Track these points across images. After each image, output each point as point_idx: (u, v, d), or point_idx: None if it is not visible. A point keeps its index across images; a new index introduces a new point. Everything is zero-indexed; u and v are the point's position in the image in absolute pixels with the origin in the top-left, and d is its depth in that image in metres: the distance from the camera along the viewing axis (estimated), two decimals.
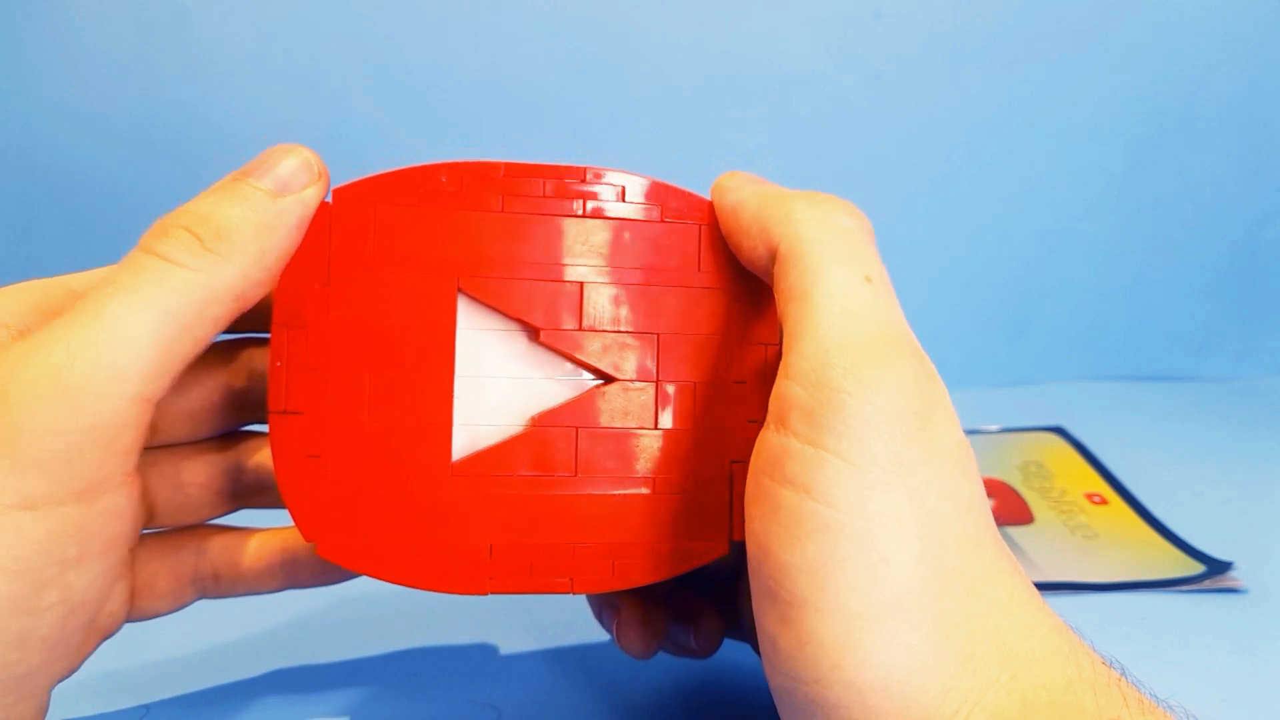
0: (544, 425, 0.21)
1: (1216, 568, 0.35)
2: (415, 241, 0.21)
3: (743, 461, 0.21)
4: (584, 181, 0.21)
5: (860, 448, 0.16)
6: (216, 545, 0.23)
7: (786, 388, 0.18)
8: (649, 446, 0.21)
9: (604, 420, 0.21)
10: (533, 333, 0.21)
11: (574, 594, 0.21)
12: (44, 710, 0.20)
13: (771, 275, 0.20)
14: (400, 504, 0.20)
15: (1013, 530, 0.38)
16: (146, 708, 0.26)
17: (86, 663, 0.21)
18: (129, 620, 0.22)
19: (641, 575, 0.21)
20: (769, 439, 0.18)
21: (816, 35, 0.55)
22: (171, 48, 0.51)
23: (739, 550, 0.26)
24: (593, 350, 0.21)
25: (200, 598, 0.23)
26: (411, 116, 0.53)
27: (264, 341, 0.23)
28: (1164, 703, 0.16)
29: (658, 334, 0.21)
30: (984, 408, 0.53)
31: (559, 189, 0.21)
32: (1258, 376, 0.61)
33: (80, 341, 0.16)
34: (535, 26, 0.53)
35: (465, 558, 0.21)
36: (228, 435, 0.23)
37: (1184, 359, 0.61)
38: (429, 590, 0.20)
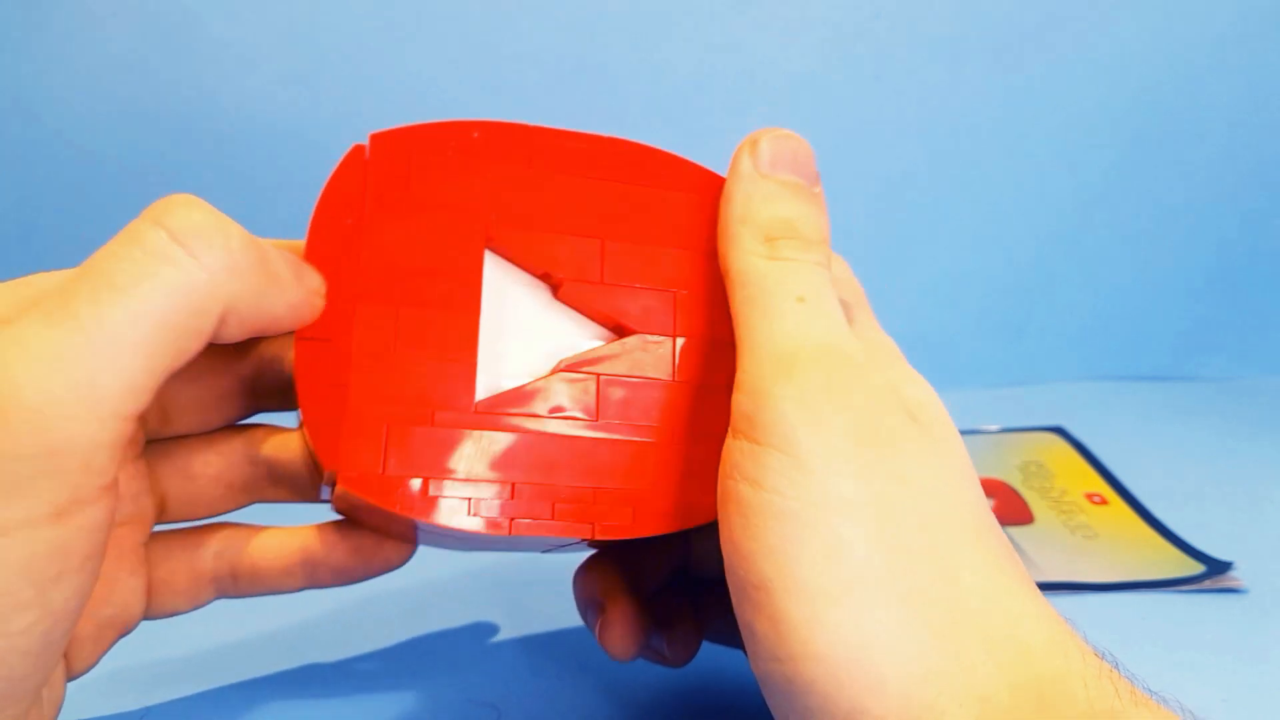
0: (566, 372, 0.22)
1: (1216, 568, 0.35)
2: (446, 190, 0.21)
3: None
4: (608, 148, 0.22)
5: (792, 441, 0.18)
6: (235, 544, 0.23)
7: (735, 400, 0.19)
8: (667, 398, 0.22)
9: (624, 370, 0.22)
10: (555, 286, 0.22)
11: (594, 539, 0.21)
12: (55, 705, 0.20)
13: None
14: (422, 439, 0.20)
15: (1013, 530, 0.38)
16: (147, 708, 0.26)
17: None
18: (147, 618, 0.22)
19: (658, 524, 0.21)
20: (729, 446, 0.19)
21: (816, 35, 0.55)
22: (177, 42, 0.51)
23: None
24: (612, 304, 0.22)
25: (219, 597, 0.23)
26: (418, 113, 0.53)
27: None
28: (1157, 696, 0.16)
29: (674, 290, 0.22)
30: (984, 408, 0.53)
31: (583, 153, 0.22)
32: (1257, 376, 0.61)
33: (50, 349, 0.15)
34: (537, 23, 0.53)
35: (487, 497, 0.20)
36: (237, 426, 0.23)
37: (1184, 359, 0.61)
38: (449, 529, 0.20)
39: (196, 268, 0.17)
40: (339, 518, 0.23)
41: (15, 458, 0.15)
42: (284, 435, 0.23)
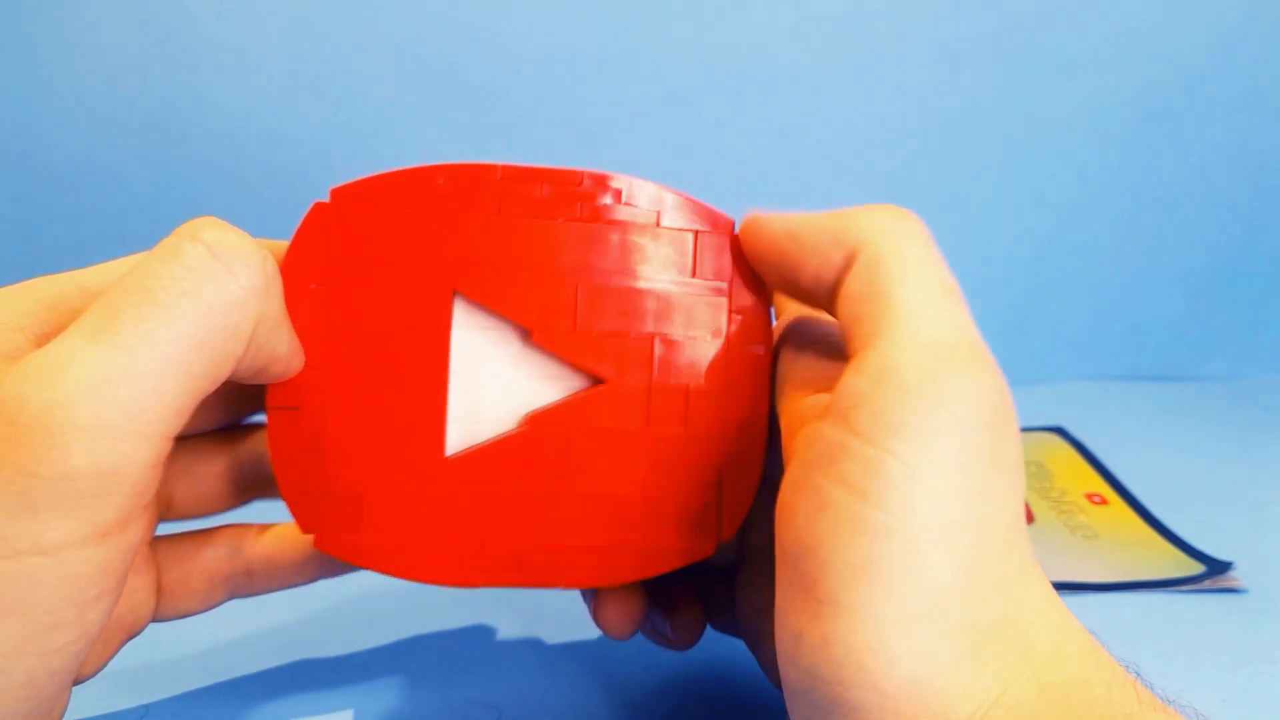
0: (536, 424, 0.21)
1: (1216, 568, 0.35)
2: (411, 242, 0.21)
3: (733, 467, 0.22)
4: (580, 185, 0.21)
5: (925, 453, 0.16)
6: (247, 542, 0.23)
7: (854, 383, 0.17)
8: (639, 448, 0.21)
9: (596, 421, 0.21)
10: (526, 333, 0.21)
11: (563, 589, 0.22)
12: (60, 711, 0.20)
13: (834, 294, 0.19)
14: (394, 499, 0.21)
15: None
16: (146, 707, 0.26)
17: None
18: (160, 619, 0.22)
19: (628, 573, 0.22)
20: (824, 433, 0.17)
21: (816, 35, 0.55)
22: (176, 46, 0.51)
23: (736, 545, 0.26)
24: (585, 352, 0.21)
25: (231, 597, 0.23)
26: (417, 117, 0.53)
27: None
28: (1175, 703, 0.16)
29: (651, 337, 0.21)
30: None
31: (555, 192, 0.21)
32: (1258, 376, 0.61)
33: (98, 372, 0.15)
34: (535, 26, 0.53)
35: (457, 552, 0.21)
36: (236, 425, 0.23)
37: (1184, 359, 0.61)
38: (422, 582, 0.21)
39: (235, 284, 0.17)
40: None
41: (66, 478, 0.15)
42: None
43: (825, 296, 0.20)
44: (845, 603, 0.16)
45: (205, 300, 0.16)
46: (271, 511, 0.24)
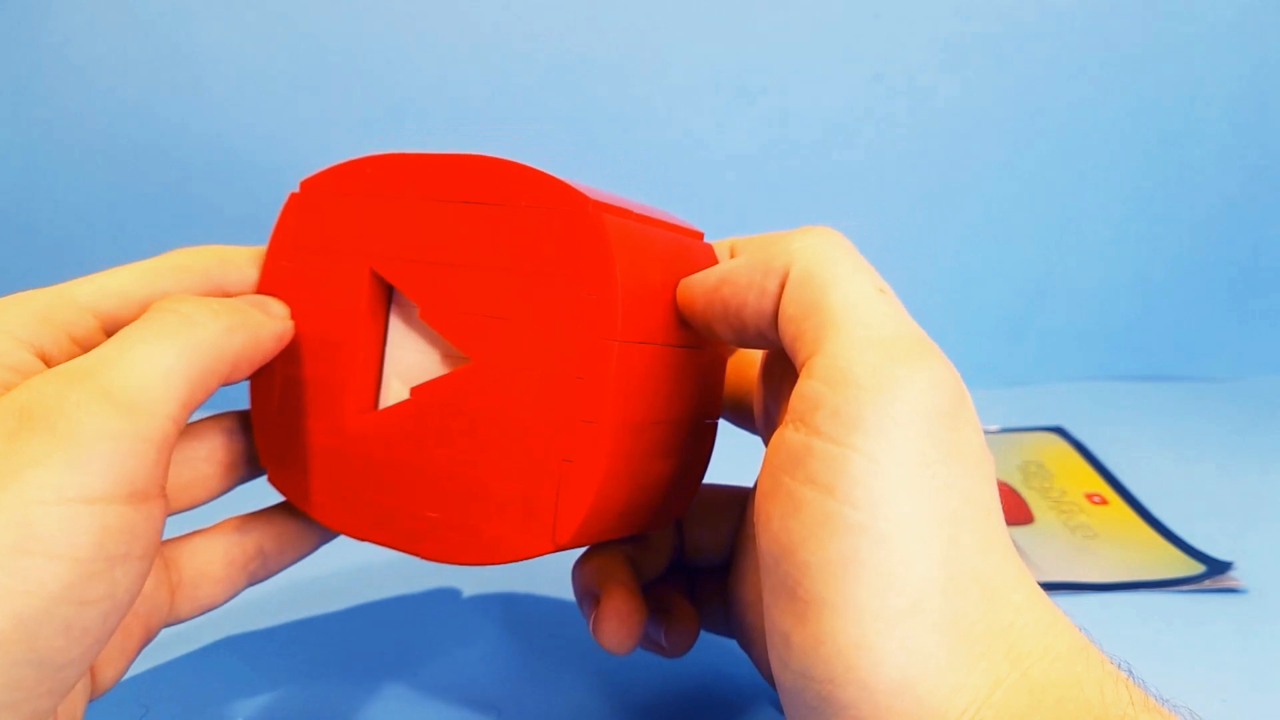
0: (419, 396, 0.22)
1: (1216, 567, 0.35)
2: (344, 227, 0.23)
3: (573, 462, 0.21)
4: (468, 169, 0.22)
5: (887, 446, 0.16)
6: (252, 525, 0.25)
7: (810, 387, 0.17)
8: (492, 430, 0.22)
9: (462, 399, 0.22)
10: (421, 310, 0.23)
11: (424, 559, 0.22)
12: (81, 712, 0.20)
13: (776, 327, 0.20)
14: (318, 450, 0.24)
15: (1013, 530, 0.38)
16: (146, 707, 0.26)
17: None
18: (182, 617, 0.23)
19: (469, 555, 0.22)
20: (789, 438, 0.17)
21: (816, 35, 0.55)
22: (166, 55, 0.51)
23: (727, 545, 0.26)
24: (458, 331, 0.22)
25: (251, 582, 0.25)
26: (402, 124, 0.53)
27: None
28: (1169, 703, 0.16)
29: (511, 320, 0.21)
30: (984, 408, 0.53)
31: (454, 179, 0.22)
32: (1258, 376, 0.61)
33: (125, 368, 0.18)
34: (530, 28, 0.53)
35: (352, 504, 0.23)
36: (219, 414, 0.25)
37: (1184, 359, 0.61)
38: (328, 526, 0.24)
39: (207, 331, 0.20)
40: None
41: (106, 437, 0.17)
42: None
43: (770, 330, 0.20)
44: (829, 601, 0.16)
45: (188, 340, 0.20)
46: (259, 500, 0.25)
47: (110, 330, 0.21)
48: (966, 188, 0.58)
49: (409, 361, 0.24)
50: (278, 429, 0.24)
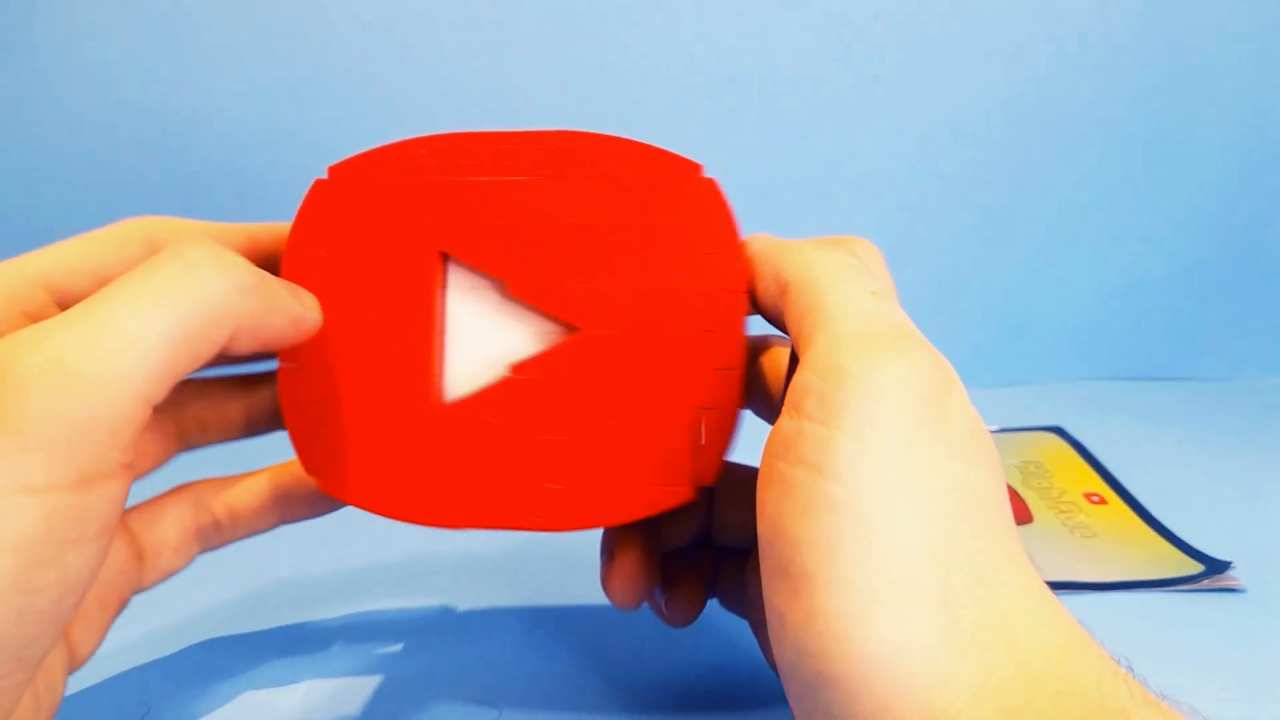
0: (520, 373, 0.22)
1: (1215, 567, 0.35)
2: (401, 209, 0.22)
3: (711, 409, 0.22)
4: (553, 144, 0.22)
5: (870, 427, 0.17)
6: (210, 493, 0.24)
7: (801, 378, 0.18)
8: (618, 393, 0.22)
9: (575, 369, 0.22)
10: (508, 287, 0.23)
11: (546, 531, 0.22)
12: (54, 697, 0.20)
13: (782, 314, 0.21)
14: (389, 446, 0.22)
15: None
16: (148, 706, 0.26)
17: (87, 663, 0.21)
18: (146, 585, 0.23)
19: (610, 516, 0.22)
20: (782, 426, 0.18)
21: (815, 36, 0.55)
22: (171, 49, 0.51)
23: (753, 529, 0.26)
24: (564, 303, 0.22)
25: (204, 549, 0.24)
26: (410, 113, 0.53)
27: None
28: (1170, 699, 0.16)
29: (627, 285, 0.22)
30: (982, 408, 0.52)
31: (530, 153, 0.22)
32: (1257, 376, 0.61)
33: (89, 333, 0.17)
34: (532, 25, 0.53)
35: (447, 495, 0.22)
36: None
37: (1183, 359, 0.61)
38: (416, 524, 0.22)
39: (215, 285, 0.19)
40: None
41: (51, 421, 0.16)
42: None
43: (779, 321, 0.22)
44: (820, 576, 0.17)
45: (187, 295, 0.18)
46: (222, 464, 0.25)
47: (64, 305, 0.20)
48: (965, 187, 0.58)
49: (485, 341, 0.23)
50: (332, 434, 0.22)
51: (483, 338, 0.23)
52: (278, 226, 0.24)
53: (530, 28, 0.53)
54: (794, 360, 0.23)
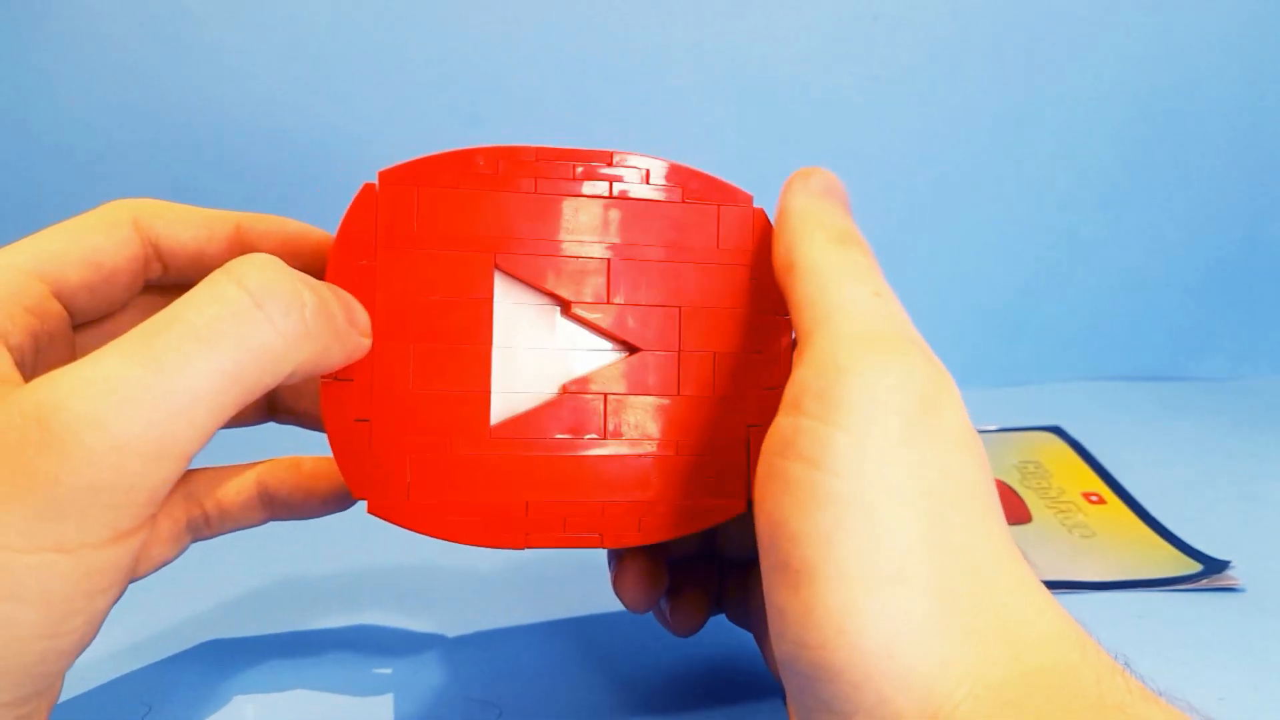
0: (575, 392, 0.23)
1: (1214, 567, 0.35)
2: (455, 221, 0.22)
3: (759, 425, 0.23)
4: (610, 165, 0.23)
5: (865, 423, 0.17)
6: (200, 486, 0.24)
7: (799, 375, 0.19)
8: (672, 411, 0.23)
9: (629, 387, 0.23)
10: (564, 306, 0.23)
11: (603, 548, 0.23)
12: (55, 690, 0.20)
13: (784, 288, 0.21)
14: (442, 465, 0.22)
15: (1011, 529, 0.38)
16: (149, 706, 0.26)
17: (87, 663, 0.21)
18: (140, 575, 0.23)
19: (665, 531, 0.23)
20: (781, 424, 0.19)
21: (815, 36, 0.55)
22: (177, 46, 0.51)
23: (754, 542, 0.26)
24: (619, 322, 0.23)
25: (194, 540, 0.24)
26: (420, 114, 0.53)
27: None
28: (1166, 695, 0.16)
29: (679, 306, 0.23)
30: (982, 407, 0.53)
31: (587, 171, 0.23)
32: (1256, 376, 0.61)
33: (136, 390, 0.16)
34: (537, 27, 0.53)
35: (503, 515, 0.22)
36: None
37: (1182, 359, 0.61)
38: (471, 544, 0.22)
39: (273, 332, 0.18)
40: (293, 454, 0.24)
41: (91, 489, 0.16)
42: None
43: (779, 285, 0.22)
44: (818, 568, 0.17)
45: (244, 343, 0.17)
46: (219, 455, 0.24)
47: (59, 293, 0.20)
48: (964, 187, 0.58)
49: (537, 358, 0.23)
50: (383, 456, 0.21)
51: (537, 356, 0.23)
52: (269, 219, 0.23)
53: (531, 27, 0.53)
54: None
